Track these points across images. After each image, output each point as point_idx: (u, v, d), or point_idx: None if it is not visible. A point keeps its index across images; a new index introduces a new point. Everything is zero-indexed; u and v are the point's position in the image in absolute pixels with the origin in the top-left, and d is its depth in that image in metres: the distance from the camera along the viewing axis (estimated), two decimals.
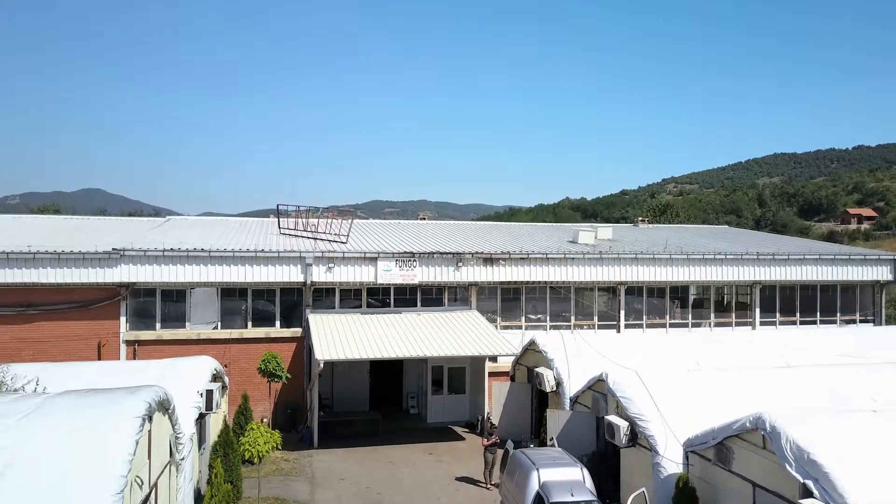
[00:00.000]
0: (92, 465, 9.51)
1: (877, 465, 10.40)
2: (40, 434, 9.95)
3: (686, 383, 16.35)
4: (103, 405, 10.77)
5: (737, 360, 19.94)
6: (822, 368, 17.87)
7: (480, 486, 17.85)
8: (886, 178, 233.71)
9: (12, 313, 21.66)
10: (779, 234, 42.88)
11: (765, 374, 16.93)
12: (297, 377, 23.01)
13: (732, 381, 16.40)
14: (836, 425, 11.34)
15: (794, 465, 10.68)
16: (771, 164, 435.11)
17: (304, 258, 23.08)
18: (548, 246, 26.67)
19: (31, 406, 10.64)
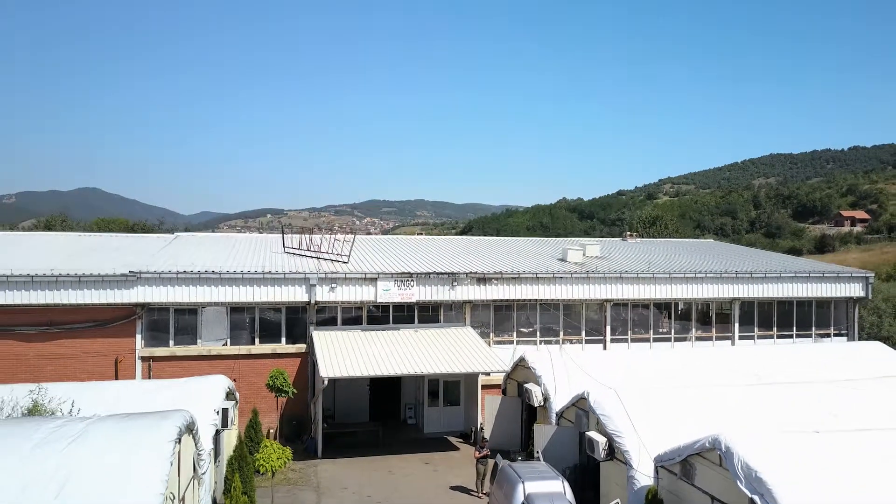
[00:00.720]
0: (133, 485, 11.02)
1: (815, 481, 11.98)
2: (86, 458, 11.46)
3: (661, 400, 17.93)
4: (140, 430, 12.31)
5: (710, 376, 21.54)
6: (787, 386, 19.46)
7: (472, 495, 19.41)
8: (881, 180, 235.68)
9: (35, 332, 23.18)
10: (759, 249, 44.48)
11: (732, 392, 18.52)
12: (302, 391, 24.55)
13: (702, 398, 17.98)
14: (781, 445, 12.93)
15: (744, 481, 12.27)
16: (767, 164, 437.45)
17: (308, 279, 24.64)
18: (538, 265, 28.23)
19: (76, 432, 12.16)
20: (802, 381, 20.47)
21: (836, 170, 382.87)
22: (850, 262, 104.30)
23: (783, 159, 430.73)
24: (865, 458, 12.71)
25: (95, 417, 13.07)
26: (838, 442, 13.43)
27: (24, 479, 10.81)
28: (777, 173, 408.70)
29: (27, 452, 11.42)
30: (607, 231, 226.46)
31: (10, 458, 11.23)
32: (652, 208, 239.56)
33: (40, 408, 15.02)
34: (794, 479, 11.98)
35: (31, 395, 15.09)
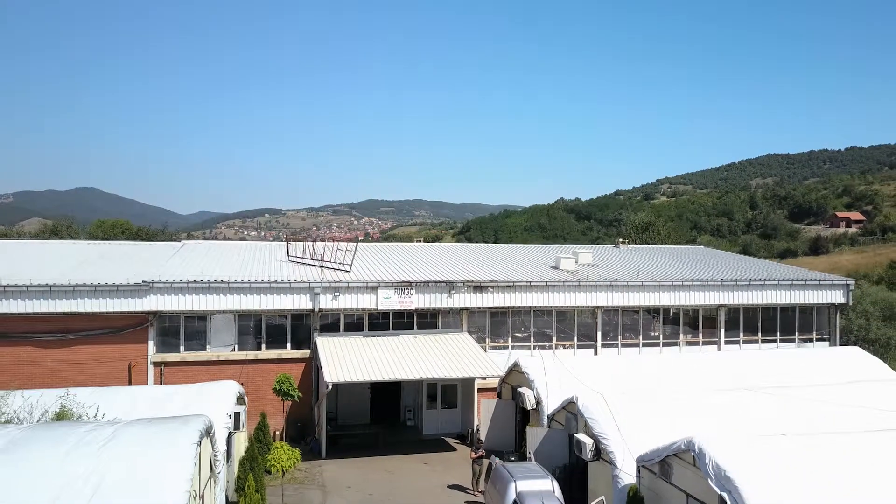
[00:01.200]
0: (162, 485, 12.23)
1: (778, 480, 13.25)
2: (117, 460, 12.66)
3: (644, 404, 19.22)
4: (165, 434, 13.55)
5: (693, 381, 22.84)
6: (763, 391, 20.74)
7: (468, 493, 20.67)
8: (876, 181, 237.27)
9: (53, 338, 24.40)
10: (745, 256, 45.66)
11: (711, 397, 19.82)
12: (306, 394, 25.77)
13: (683, 402, 19.27)
14: (749, 447, 14.21)
15: (715, 479, 13.54)
16: (764, 164, 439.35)
17: (312, 288, 25.89)
18: (531, 273, 29.50)
19: (107, 436, 13.39)
20: (779, 386, 21.74)
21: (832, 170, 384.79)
22: (843, 265, 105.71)
23: (780, 159, 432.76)
24: (827, 459, 13.98)
25: (123, 422, 14.31)
26: (803, 444, 14.70)
27: (62, 481, 12.00)
28: (774, 173, 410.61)
29: (63, 455, 12.63)
30: (604, 231, 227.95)
31: (48, 460, 12.44)
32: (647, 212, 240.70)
33: (68, 412, 16.24)
34: (758, 477, 13.25)
35: (60, 401, 16.31)
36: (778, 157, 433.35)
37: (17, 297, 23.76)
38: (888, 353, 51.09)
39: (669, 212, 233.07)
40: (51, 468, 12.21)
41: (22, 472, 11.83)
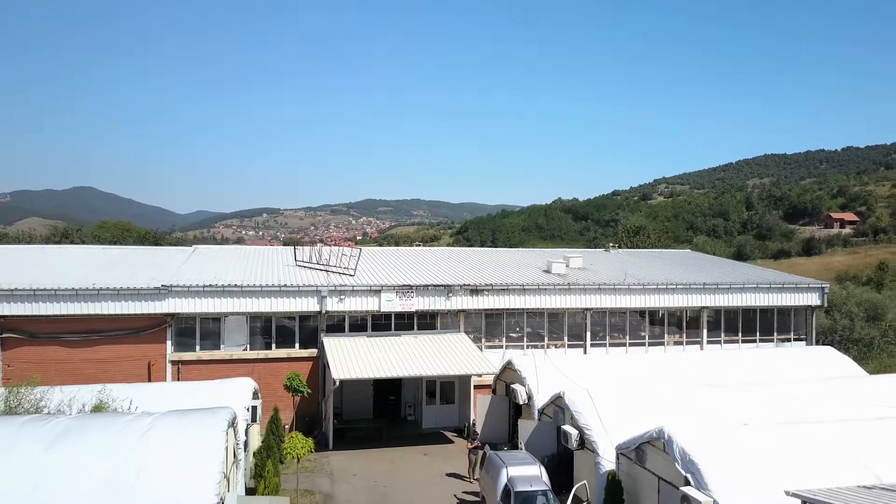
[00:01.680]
0: (198, 465, 14.08)
1: (736, 463, 15.16)
2: (158, 445, 14.51)
3: (625, 398, 21.13)
4: (198, 423, 15.42)
5: (672, 378, 24.75)
6: (736, 386, 22.66)
7: (465, 481, 22.56)
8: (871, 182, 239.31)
9: (78, 338, 26.24)
10: (729, 259, 47.48)
11: (687, 392, 21.74)
12: (314, 390, 27.63)
13: (660, 396, 21.18)
14: (712, 435, 16.12)
15: (681, 463, 15.46)
16: (761, 164, 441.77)
17: (320, 291, 27.77)
18: (525, 276, 31.41)
19: (147, 424, 15.26)
20: (753, 383, 23.69)
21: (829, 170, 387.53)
22: (834, 265, 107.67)
23: (777, 160, 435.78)
24: (783, 445, 15.90)
25: (158, 413, 16.18)
26: (763, 432, 16.62)
27: (112, 461, 13.86)
28: (771, 174, 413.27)
29: (111, 440, 14.49)
30: (601, 232, 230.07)
31: (99, 444, 14.29)
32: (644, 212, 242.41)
33: (105, 405, 18.10)
34: (719, 461, 15.16)
35: (98, 395, 18.16)
36: (775, 158, 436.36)
37: (46, 301, 25.60)
38: (871, 352, 53.20)
39: (666, 212, 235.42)
40: (103, 450, 14.07)
41: (80, 453, 13.70)
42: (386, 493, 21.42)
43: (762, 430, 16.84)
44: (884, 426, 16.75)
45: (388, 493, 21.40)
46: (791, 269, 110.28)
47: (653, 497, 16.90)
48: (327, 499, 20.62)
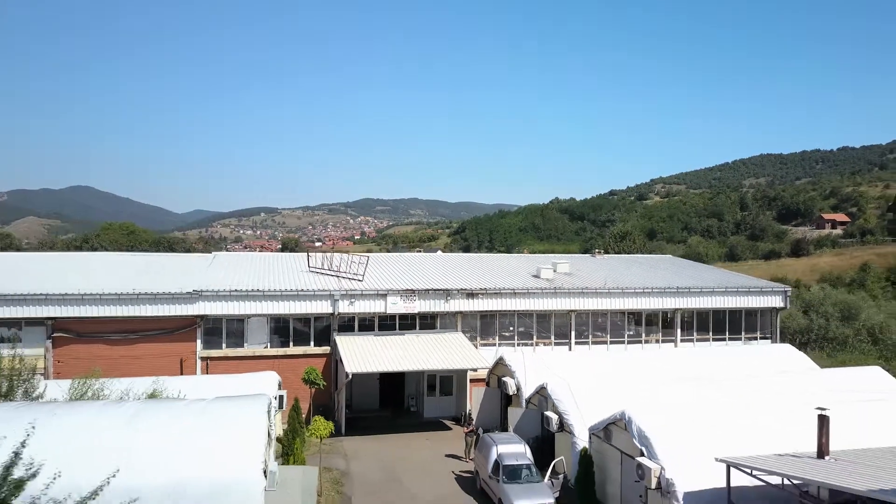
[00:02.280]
0: (245, 441, 17.61)
1: (681, 439, 18.72)
2: (212, 422, 18.04)
3: (599, 388, 24.68)
4: (243, 406, 18.95)
5: (647, 372, 28.32)
6: (698, 379, 26.23)
7: (461, 461, 26.12)
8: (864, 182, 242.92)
9: (119, 337, 29.76)
10: (703, 264, 50.81)
11: (651, 383, 25.30)
12: (327, 383, 31.12)
13: (628, 386, 24.74)
14: (663, 415, 19.69)
15: (637, 439, 19.03)
16: (757, 164, 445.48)
17: (332, 295, 31.33)
18: (516, 281, 34.98)
19: (201, 407, 18.75)
20: (712, 375, 27.29)
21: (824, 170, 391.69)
22: (821, 266, 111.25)
23: (773, 159, 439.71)
24: (718, 423, 19.46)
25: (207, 399, 19.70)
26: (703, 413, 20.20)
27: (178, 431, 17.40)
28: (767, 173, 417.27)
29: (174, 418, 18.02)
30: (597, 232, 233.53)
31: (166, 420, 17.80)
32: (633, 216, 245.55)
33: (158, 393, 21.63)
34: (666, 436, 18.73)
35: (153, 385, 21.70)
36: (771, 157, 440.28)
37: (92, 304, 29.12)
38: (845, 349, 56.99)
39: (661, 213, 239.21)
40: (169, 425, 17.60)
41: (152, 426, 17.23)
42: (394, 469, 24.98)
43: (703, 411, 20.47)
44: (806, 408, 20.32)
45: (395, 469, 24.98)
46: (779, 270, 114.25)
47: (616, 468, 20.51)
48: (344, 474, 24.19)
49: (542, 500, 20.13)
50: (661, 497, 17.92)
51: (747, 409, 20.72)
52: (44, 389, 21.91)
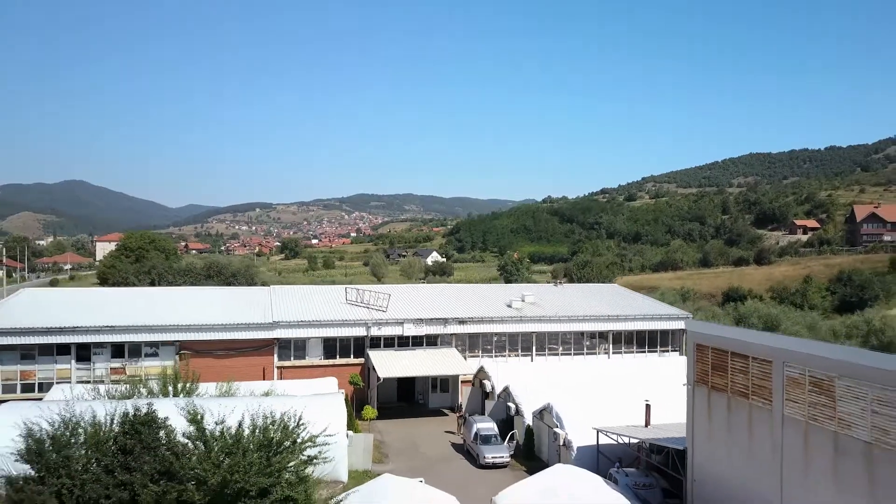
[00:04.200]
0: (335, 416, 32.52)
1: (577, 416, 33.71)
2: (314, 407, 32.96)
3: (546, 386, 39.64)
4: (330, 400, 33.86)
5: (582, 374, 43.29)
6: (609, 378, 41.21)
7: (454, 434, 41.08)
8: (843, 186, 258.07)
9: (222, 353, 44.58)
10: (638, 294, 65.26)
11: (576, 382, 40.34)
12: (364, 384, 46.05)
13: (562, 385, 39.72)
14: (568, 403, 34.69)
15: (555, 418, 34.18)
16: (746, 163, 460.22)
17: (367, 323, 46.27)
18: (494, 310, 49.95)
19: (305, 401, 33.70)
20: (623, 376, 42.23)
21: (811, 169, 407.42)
22: (775, 276, 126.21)
23: (762, 158, 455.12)
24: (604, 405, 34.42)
25: (304, 395, 34.59)
26: (595, 399, 35.17)
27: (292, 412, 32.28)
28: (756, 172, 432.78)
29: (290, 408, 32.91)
30: (585, 234, 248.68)
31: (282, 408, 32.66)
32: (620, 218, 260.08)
33: (272, 392, 36.49)
34: (570, 415, 33.78)
35: (270, 387, 36.59)
36: (759, 157, 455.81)
37: (205, 332, 43.96)
38: None
39: (647, 216, 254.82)
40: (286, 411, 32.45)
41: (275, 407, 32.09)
42: (412, 439, 40.01)
43: (594, 398, 35.51)
44: (654, 397, 35.24)
45: (412, 439, 40.01)
46: (739, 279, 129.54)
47: (545, 435, 35.58)
48: (381, 442, 39.18)
49: (501, 454, 35.19)
50: (566, 450, 32.99)
51: (621, 397, 35.76)
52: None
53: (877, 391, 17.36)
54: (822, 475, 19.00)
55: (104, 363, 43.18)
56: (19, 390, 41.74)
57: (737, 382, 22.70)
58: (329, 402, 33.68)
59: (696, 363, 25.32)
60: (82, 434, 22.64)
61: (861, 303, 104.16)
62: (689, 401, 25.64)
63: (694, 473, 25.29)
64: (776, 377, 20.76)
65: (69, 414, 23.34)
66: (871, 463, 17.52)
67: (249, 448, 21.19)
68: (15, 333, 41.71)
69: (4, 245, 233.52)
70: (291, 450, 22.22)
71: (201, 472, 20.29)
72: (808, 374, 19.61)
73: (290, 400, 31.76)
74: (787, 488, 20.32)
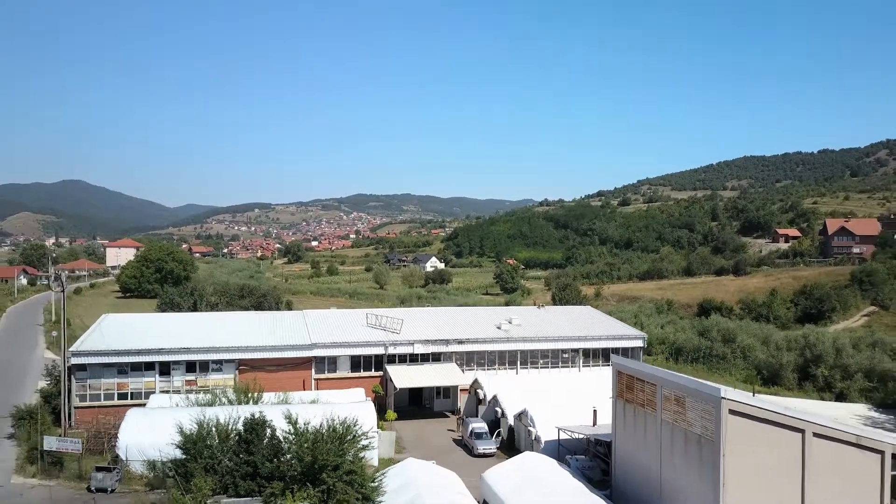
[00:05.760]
0: (369, 417, 45.45)
1: (547, 418, 46.66)
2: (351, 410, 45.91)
3: (526, 394, 52.61)
4: (364, 404, 46.76)
5: (556, 384, 56.24)
6: (570, 390, 54.18)
7: (454, 432, 54.02)
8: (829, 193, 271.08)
9: (272, 368, 57.49)
10: (607, 316, 78.12)
11: (551, 390, 53.32)
12: (383, 392, 58.96)
13: (538, 392, 52.66)
14: (540, 407, 47.68)
15: (530, 420, 47.25)
16: (741, 166, 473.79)
17: (384, 343, 59.26)
18: (486, 332, 62.91)
19: (347, 406, 46.69)
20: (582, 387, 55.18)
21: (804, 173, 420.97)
22: (748, 287, 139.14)
23: (756, 161, 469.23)
24: (566, 408, 47.36)
25: (342, 403, 47.52)
26: (561, 404, 48.16)
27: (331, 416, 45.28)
28: (750, 175, 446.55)
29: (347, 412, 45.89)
30: (578, 241, 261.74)
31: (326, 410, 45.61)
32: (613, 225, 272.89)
33: (317, 400, 49.36)
34: (541, 417, 46.83)
35: (316, 395, 49.49)
36: (754, 160, 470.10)
37: (259, 351, 56.87)
38: (726, 364, 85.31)
39: (638, 222, 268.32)
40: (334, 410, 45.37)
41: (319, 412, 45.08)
42: (421, 435, 52.99)
43: (561, 403, 48.48)
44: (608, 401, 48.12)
45: (422, 435, 52.99)
46: (716, 289, 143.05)
47: (524, 433, 48.57)
48: (399, 438, 52.08)
49: (490, 447, 48.20)
50: (537, 444, 45.90)
51: (579, 403, 48.68)
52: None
53: (704, 405, 30.27)
54: (679, 454, 31.94)
55: (180, 376, 56.11)
56: (116, 398, 54.65)
57: (638, 398, 35.60)
58: (363, 407, 46.60)
59: (617, 384, 38.22)
60: (214, 430, 35.59)
61: (820, 314, 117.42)
62: (613, 408, 38.56)
63: (616, 457, 38.21)
64: (658, 395, 33.68)
65: (201, 417, 36.34)
66: (701, 447, 30.43)
67: (325, 438, 34.01)
68: (114, 354, 54.61)
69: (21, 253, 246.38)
70: (350, 440, 34.95)
71: (298, 452, 33.14)
72: (673, 394, 32.56)
73: (338, 407, 44.64)
74: (663, 462, 33.26)
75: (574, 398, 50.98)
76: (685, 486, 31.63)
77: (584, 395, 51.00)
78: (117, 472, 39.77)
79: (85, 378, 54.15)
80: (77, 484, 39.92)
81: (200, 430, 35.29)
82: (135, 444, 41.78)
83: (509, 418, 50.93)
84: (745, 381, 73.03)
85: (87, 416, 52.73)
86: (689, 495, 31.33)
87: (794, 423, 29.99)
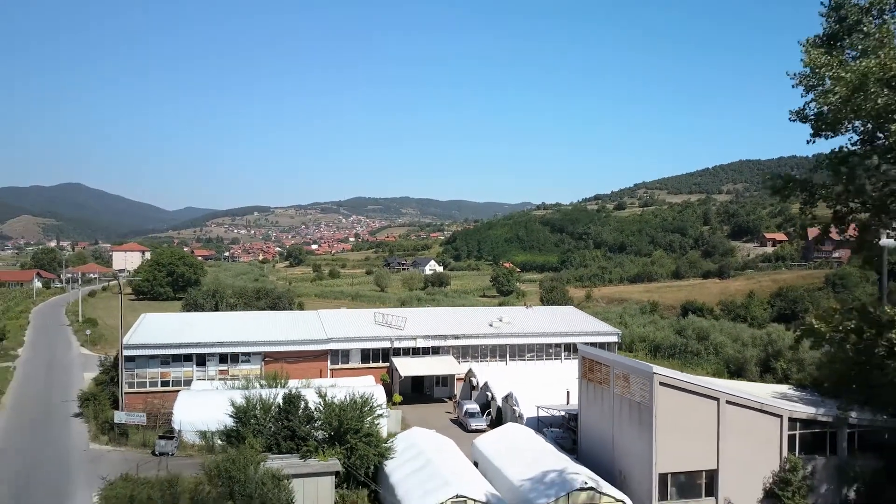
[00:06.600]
0: (381, 397, 54.92)
1: (529, 398, 56.25)
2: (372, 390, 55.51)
3: (513, 381, 62.18)
4: (376, 390, 56.38)
5: (540, 374, 65.86)
6: (550, 377, 63.80)
7: (451, 413, 63.61)
8: None
9: (293, 360, 67.06)
10: (588, 315, 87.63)
11: (535, 378, 62.91)
12: (389, 381, 68.51)
13: (524, 379, 62.23)
14: (525, 391, 57.31)
15: (515, 401, 56.87)
16: (736, 170, 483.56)
17: (390, 338, 68.88)
18: (479, 328, 72.50)
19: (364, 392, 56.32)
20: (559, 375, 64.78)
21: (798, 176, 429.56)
22: (730, 290, 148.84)
23: (751, 165, 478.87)
24: (544, 391, 56.95)
25: (358, 386, 57.12)
26: (527, 387, 57.77)
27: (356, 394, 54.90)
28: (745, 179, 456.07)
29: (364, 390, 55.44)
30: (574, 244, 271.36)
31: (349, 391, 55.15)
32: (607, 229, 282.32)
33: (336, 386, 58.90)
34: (524, 398, 56.48)
35: (335, 381, 59.05)
36: (749, 163, 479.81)
37: (283, 345, 66.44)
38: (699, 359, 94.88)
39: (632, 227, 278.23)
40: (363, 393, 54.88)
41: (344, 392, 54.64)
42: (424, 417, 62.57)
43: (541, 387, 58.10)
44: None
45: (425, 417, 62.57)
46: (699, 292, 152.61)
47: (509, 413, 58.18)
48: (404, 418, 61.65)
49: (482, 423, 57.84)
50: (520, 420, 55.49)
51: (556, 387, 58.22)
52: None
53: (642, 380, 39.87)
54: (625, 419, 41.58)
55: (214, 366, 65.68)
56: (160, 385, 64.20)
57: (597, 377, 45.19)
58: (375, 390, 56.09)
59: (582, 366, 47.82)
60: (259, 404, 45.18)
61: (793, 315, 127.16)
62: (579, 387, 48.16)
63: (581, 427, 47.80)
64: (611, 374, 43.29)
65: (248, 394, 45.97)
66: (640, 412, 40.03)
67: (348, 408, 43.54)
68: (157, 347, 64.19)
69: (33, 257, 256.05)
70: (368, 410, 44.48)
71: (327, 419, 42.69)
72: (622, 373, 42.15)
73: (355, 388, 54.19)
74: (615, 426, 42.89)
75: (553, 384, 60.60)
76: (629, 443, 41.24)
77: (563, 382, 60.64)
78: (176, 440, 49.31)
79: (133, 368, 63.70)
80: (143, 450, 49.42)
81: (248, 403, 44.85)
82: (187, 419, 51.36)
83: (498, 401, 60.51)
84: (714, 374, 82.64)
85: (135, 400, 62.26)
86: (632, 451, 40.94)
87: (711, 392, 39.64)
